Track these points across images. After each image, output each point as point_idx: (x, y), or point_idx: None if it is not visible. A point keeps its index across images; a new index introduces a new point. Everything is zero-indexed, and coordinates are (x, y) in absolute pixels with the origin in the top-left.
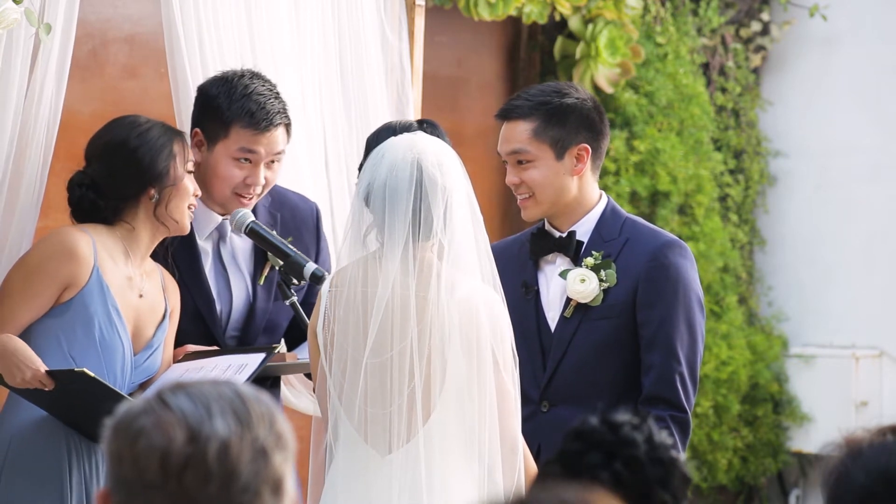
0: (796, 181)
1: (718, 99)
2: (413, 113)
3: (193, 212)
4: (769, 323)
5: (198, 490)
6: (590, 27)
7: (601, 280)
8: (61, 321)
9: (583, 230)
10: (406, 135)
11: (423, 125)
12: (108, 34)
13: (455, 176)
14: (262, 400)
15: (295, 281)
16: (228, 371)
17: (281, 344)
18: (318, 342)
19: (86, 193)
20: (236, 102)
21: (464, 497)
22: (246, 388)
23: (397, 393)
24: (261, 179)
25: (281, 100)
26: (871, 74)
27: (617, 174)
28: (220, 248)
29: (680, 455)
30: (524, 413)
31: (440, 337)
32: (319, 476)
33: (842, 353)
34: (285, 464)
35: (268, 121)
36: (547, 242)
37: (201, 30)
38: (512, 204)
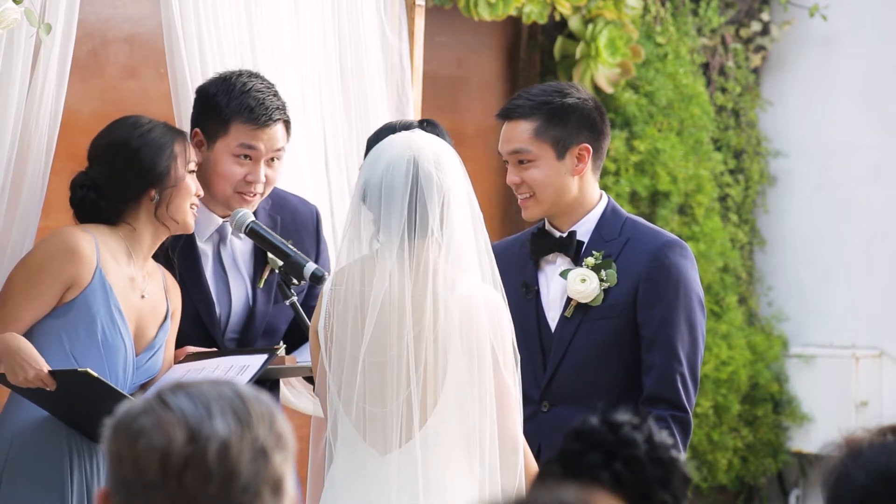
0: (796, 181)
1: (718, 99)
2: (413, 113)
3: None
4: (769, 323)
5: (198, 490)
6: (590, 27)
7: (602, 280)
8: (64, 321)
9: (583, 230)
10: (404, 133)
11: (424, 125)
12: (108, 34)
13: (453, 174)
14: (263, 400)
15: (295, 281)
16: (230, 372)
17: (282, 346)
18: (320, 340)
19: (87, 194)
20: (235, 99)
21: (464, 497)
22: (246, 388)
23: (396, 392)
24: (261, 177)
25: (280, 97)
26: (871, 74)
27: (617, 174)
28: (220, 251)
29: (680, 455)
30: (525, 413)
31: (440, 336)
32: (318, 475)
33: (842, 353)
34: (285, 464)
35: (267, 116)
36: (547, 242)
37: (201, 30)
38: (512, 204)
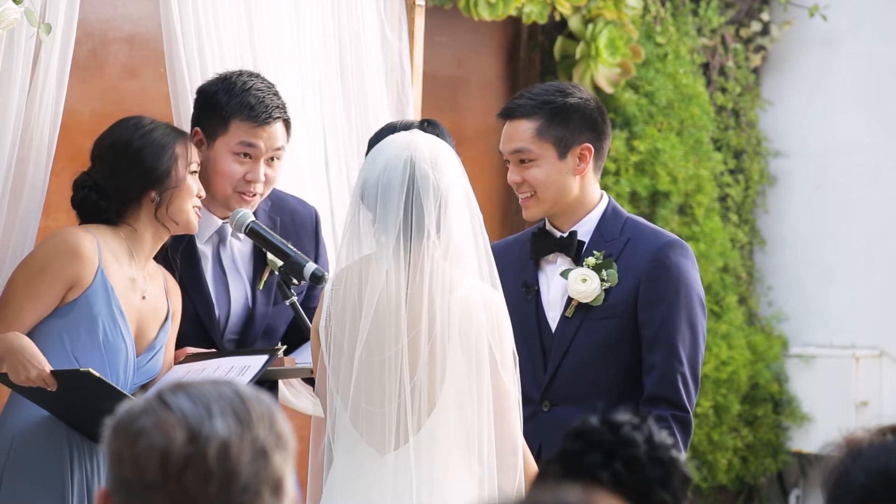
0: (796, 181)
1: (718, 99)
2: (413, 113)
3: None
4: (769, 323)
5: (198, 490)
6: (590, 27)
7: (602, 280)
8: (65, 321)
9: (584, 230)
10: (402, 133)
11: (425, 125)
12: (108, 34)
13: (451, 174)
14: (263, 400)
15: (295, 281)
16: (231, 373)
17: (282, 347)
18: (321, 340)
19: (88, 195)
20: (236, 97)
21: (463, 497)
22: (246, 389)
23: (395, 392)
24: (261, 176)
25: (279, 97)
26: (871, 74)
27: (617, 174)
28: (220, 252)
29: (680, 455)
30: (525, 413)
31: (438, 336)
32: (318, 475)
33: (842, 353)
34: (285, 464)
35: (267, 114)
36: (548, 242)
37: (200, 30)
38: (512, 204)
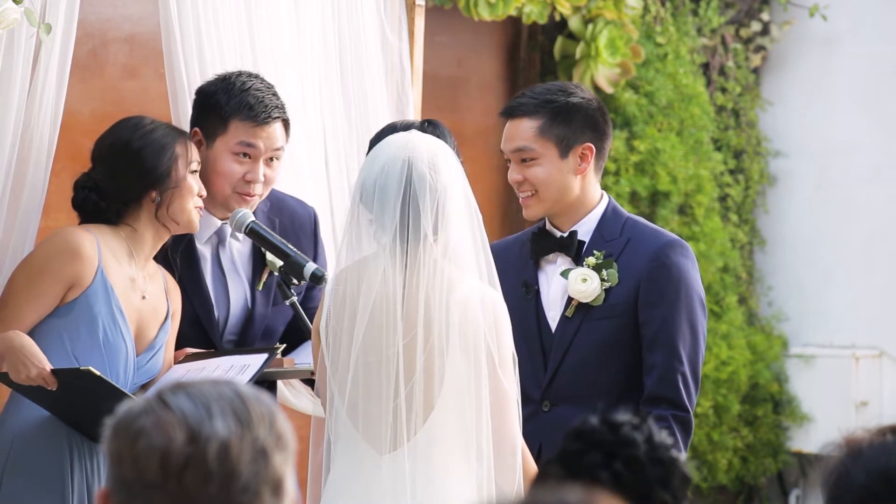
0: (796, 181)
1: (718, 99)
2: (413, 113)
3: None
4: (769, 323)
5: (198, 490)
6: (590, 27)
7: (603, 280)
8: (65, 321)
9: (584, 230)
10: (401, 133)
11: (426, 125)
12: (108, 34)
13: (449, 175)
14: (263, 400)
15: (295, 281)
16: (231, 372)
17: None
18: (322, 340)
19: (89, 196)
20: (235, 97)
21: (463, 498)
22: (246, 389)
23: (395, 392)
24: (260, 176)
25: (278, 97)
26: (871, 74)
27: (617, 174)
28: (219, 253)
29: (680, 455)
30: (526, 413)
31: (437, 338)
32: (318, 475)
33: (842, 353)
34: (285, 464)
35: (266, 113)
36: (548, 242)
37: (200, 30)
38: (512, 203)
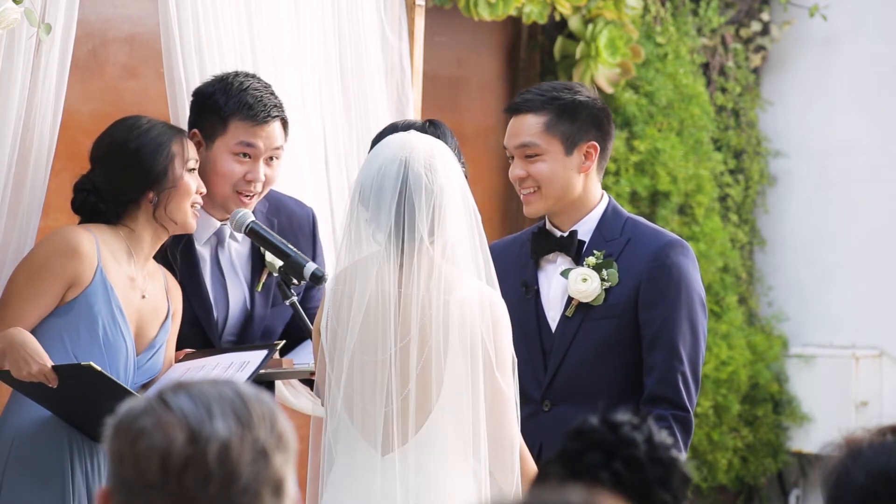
0: (796, 181)
1: (718, 99)
2: (413, 113)
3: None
4: (769, 323)
5: (198, 490)
6: (590, 27)
7: (603, 279)
8: (65, 320)
9: (584, 230)
10: (400, 134)
11: (428, 125)
12: (108, 34)
13: (447, 176)
14: (264, 400)
15: (295, 281)
16: (230, 369)
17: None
18: (322, 339)
19: (87, 197)
20: (234, 97)
21: (462, 498)
22: (247, 389)
23: (394, 392)
24: (260, 175)
25: (276, 96)
26: (871, 74)
27: (617, 174)
28: (219, 254)
29: (680, 455)
30: (525, 412)
31: (434, 340)
32: (317, 475)
33: (842, 353)
34: (286, 465)
35: (265, 112)
36: (548, 242)
37: (199, 30)
38: (512, 203)
